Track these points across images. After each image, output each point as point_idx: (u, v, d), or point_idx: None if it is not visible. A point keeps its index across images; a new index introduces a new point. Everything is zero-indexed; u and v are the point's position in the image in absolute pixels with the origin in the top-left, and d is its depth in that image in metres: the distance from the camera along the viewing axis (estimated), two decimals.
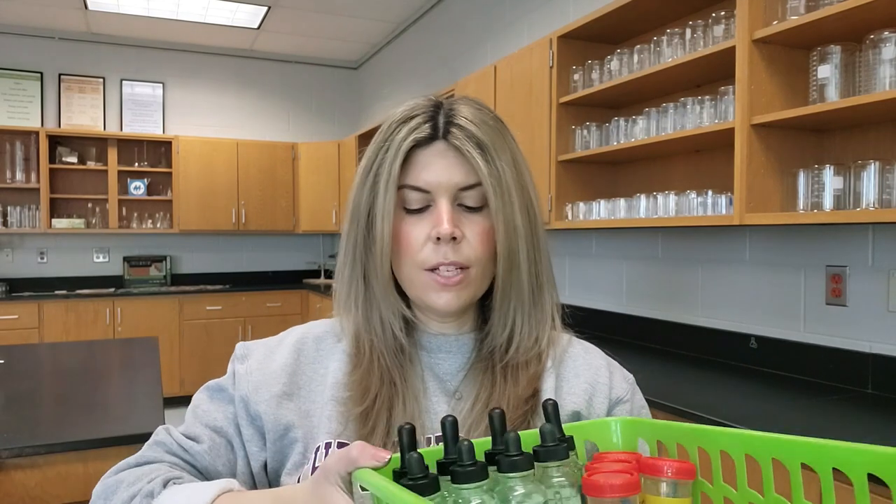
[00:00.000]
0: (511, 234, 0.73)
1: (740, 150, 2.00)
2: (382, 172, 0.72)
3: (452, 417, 0.54)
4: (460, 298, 0.73)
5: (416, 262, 0.72)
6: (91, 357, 2.95)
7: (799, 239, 2.24)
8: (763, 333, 2.38)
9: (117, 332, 5.20)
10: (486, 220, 0.73)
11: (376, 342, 0.76)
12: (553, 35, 2.92)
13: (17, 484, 1.63)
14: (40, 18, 5.20)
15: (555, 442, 0.53)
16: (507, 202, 0.72)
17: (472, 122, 0.73)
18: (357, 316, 0.77)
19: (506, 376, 0.75)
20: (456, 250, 0.71)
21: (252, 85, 6.19)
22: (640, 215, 2.52)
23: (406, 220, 0.73)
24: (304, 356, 0.79)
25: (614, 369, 0.81)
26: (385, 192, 0.71)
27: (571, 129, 2.91)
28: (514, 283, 0.75)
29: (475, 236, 0.72)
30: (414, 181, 0.72)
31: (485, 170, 0.71)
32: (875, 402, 1.91)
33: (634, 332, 3.00)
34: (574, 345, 0.82)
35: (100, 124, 5.61)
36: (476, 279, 0.74)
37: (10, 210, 5.24)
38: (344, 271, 0.78)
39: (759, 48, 1.97)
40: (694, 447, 0.54)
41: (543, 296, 0.77)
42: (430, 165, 0.72)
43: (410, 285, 0.74)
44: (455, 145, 0.72)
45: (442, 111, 0.74)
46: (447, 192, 0.72)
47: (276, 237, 6.27)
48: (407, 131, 0.72)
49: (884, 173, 1.74)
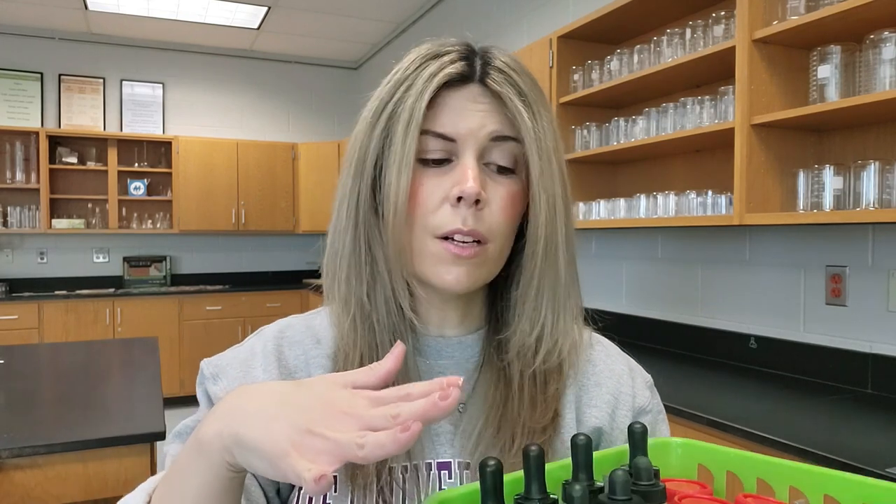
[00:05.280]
0: (551, 208, 0.60)
1: (740, 150, 2.00)
2: (402, 113, 0.59)
3: (538, 447, 0.43)
4: (472, 276, 0.61)
5: (427, 226, 0.60)
6: (91, 357, 2.95)
7: (799, 239, 2.24)
8: (763, 333, 2.37)
9: (117, 332, 5.20)
10: (515, 184, 0.61)
11: (378, 330, 0.63)
12: (553, 35, 2.92)
13: (17, 484, 1.63)
14: (40, 18, 5.20)
15: (651, 481, 0.43)
16: (548, 168, 0.60)
17: (513, 69, 0.61)
18: (359, 293, 0.63)
19: (522, 388, 0.62)
20: (478, 217, 0.59)
21: (252, 85, 6.19)
22: (640, 215, 2.52)
23: (422, 173, 0.60)
24: (285, 366, 0.66)
25: (636, 374, 0.71)
26: (405, 137, 0.58)
27: (571, 129, 2.91)
28: (548, 269, 0.61)
29: (499, 202, 0.60)
30: (440, 127, 0.60)
31: (528, 122, 0.59)
32: (875, 402, 1.91)
33: (634, 332, 3.00)
34: (594, 346, 0.71)
35: (100, 124, 5.61)
36: (493, 257, 0.62)
37: (10, 210, 5.24)
38: (344, 239, 0.63)
39: (759, 48, 1.97)
40: (753, 478, 0.49)
41: (575, 290, 0.65)
42: (462, 111, 0.60)
43: (417, 256, 0.61)
44: (494, 90, 0.60)
45: (478, 52, 0.63)
46: (476, 145, 0.60)
47: (275, 237, 6.27)
48: (437, 66, 0.60)
49: (884, 173, 1.74)
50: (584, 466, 0.45)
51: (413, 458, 0.62)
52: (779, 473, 0.49)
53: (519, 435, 0.61)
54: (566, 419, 0.66)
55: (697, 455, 0.53)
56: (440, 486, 0.62)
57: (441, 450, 0.64)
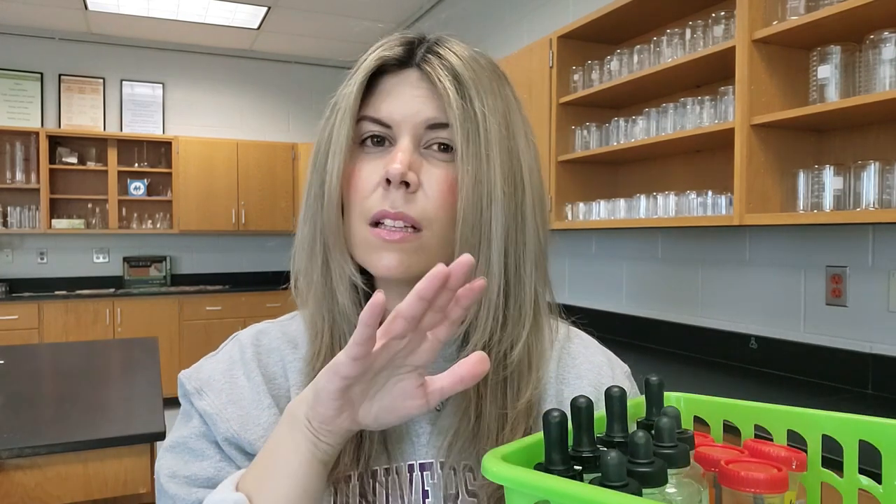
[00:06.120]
0: (480, 196, 0.58)
1: (740, 150, 2.00)
2: (340, 101, 0.61)
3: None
4: (405, 264, 0.58)
5: (362, 212, 0.59)
6: (91, 357, 2.95)
7: (799, 239, 2.24)
8: (763, 333, 2.37)
9: (117, 332, 5.19)
10: (452, 170, 0.59)
11: (338, 319, 0.62)
12: (553, 35, 2.92)
13: (17, 484, 1.63)
14: (40, 18, 5.20)
15: (673, 442, 0.42)
16: (478, 153, 0.58)
17: (456, 54, 0.60)
18: (317, 286, 0.62)
19: (486, 392, 0.61)
20: (408, 200, 0.57)
21: (252, 85, 6.19)
22: (640, 215, 2.52)
23: (362, 160, 0.60)
24: (265, 372, 0.65)
25: (615, 365, 0.71)
26: (340, 124, 0.59)
27: (571, 129, 2.91)
28: (480, 261, 0.59)
29: (435, 186, 0.58)
30: (374, 112, 0.60)
31: (455, 105, 0.57)
32: (875, 403, 1.91)
33: (634, 332, 3.00)
34: (573, 339, 0.71)
35: (100, 125, 5.60)
36: (431, 245, 0.59)
37: (10, 210, 5.24)
38: (303, 230, 0.63)
39: (759, 48, 1.97)
40: (750, 425, 0.52)
41: (524, 290, 0.62)
42: (397, 95, 0.60)
43: (355, 245, 0.60)
44: (427, 72, 0.59)
45: (426, 40, 0.62)
46: (412, 130, 0.59)
47: (275, 237, 6.27)
48: (376, 52, 0.60)
49: (884, 173, 1.74)
50: (619, 418, 0.46)
51: (394, 460, 0.62)
52: (775, 419, 0.51)
53: (495, 429, 0.60)
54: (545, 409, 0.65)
55: (693, 407, 0.55)
56: (423, 485, 0.62)
57: (422, 450, 0.63)
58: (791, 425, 0.50)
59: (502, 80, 0.63)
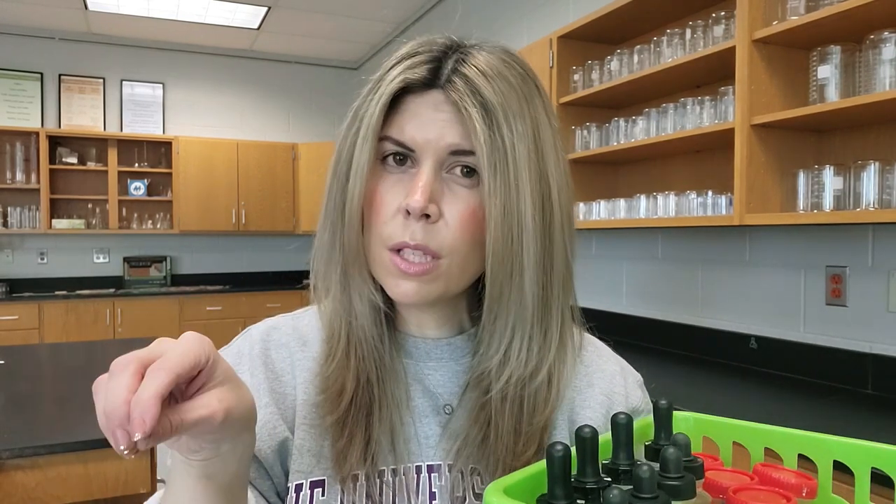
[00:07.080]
0: (510, 227, 0.56)
1: (740, 150, 2.00)
2: (364, 118, 0.58)
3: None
4: (422, 292, 0.58)
5: (381, 235, 0.58)
6: (91, 358, 2.95)
7: (799, 239, 2.24)
8: (763, 333, 2.37)
9: (117, 332, 5.20)
10: (475, 198, 0.58)
11: (355, 326, 0.63)
12: (553, 35, 2.92)
13: (17, 484, 1.63)
14: (40, 18, 5.20)
15: (679, 473, 0.41)
16: (507, 183, 0.56)
17: (482, 73, 0.57)
18: (335, 292, 0.63)
19: (503, 408, 0.61)
20: (427, 231, 0.57)
21: (252, 85, 6.19)
22: (640, 215, 2.52)
23: (384, 179, 0.59)
24: (272, 369, 0.66)
25: (627, 374, 0.70)
26: (363, 144, 0.58)
27: (571, 129, 2.91)
28: (513, 293, 0.58)
29: (456, 216, 0.57)
30: (398, 134, 0.58)
31: (482, 136, 0.55)
32: (875, 403, 1.91)
33: (634, 332, 3.00)
34: (586, 347, 0.70)
35: (100, 125, 5.61)
36: (449, 272, 0.59)
37: (10, 210, 5.24)
38: (322, 237, 0.64)
39: (759, 48, 1.97)
40: (760, 448, 0.51)
41: (550, 315, 0.61)
42: (420, 118, 0.58)
43: (373, 264, 0.60)
44: (453, 99, 0.57)
45: (454, 53, 0.59)
46: (434, 155, 0.57)
47: (275, 237, 6.27)
48: (401, 70, 0.58)
49: (884, 173, 1.74)
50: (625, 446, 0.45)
51: (401, 461, 0.62)
52: (786, 442, 0.50)
53: (506, 442, 0.61)
54: (558, 421, 0.65)
55: (703, 427, 0.54)
56: (430, 487, 0.62)
57: (430, 452, 0.64)
58: (801, 449, 0.49)
59: (532, 93, 0.60)
